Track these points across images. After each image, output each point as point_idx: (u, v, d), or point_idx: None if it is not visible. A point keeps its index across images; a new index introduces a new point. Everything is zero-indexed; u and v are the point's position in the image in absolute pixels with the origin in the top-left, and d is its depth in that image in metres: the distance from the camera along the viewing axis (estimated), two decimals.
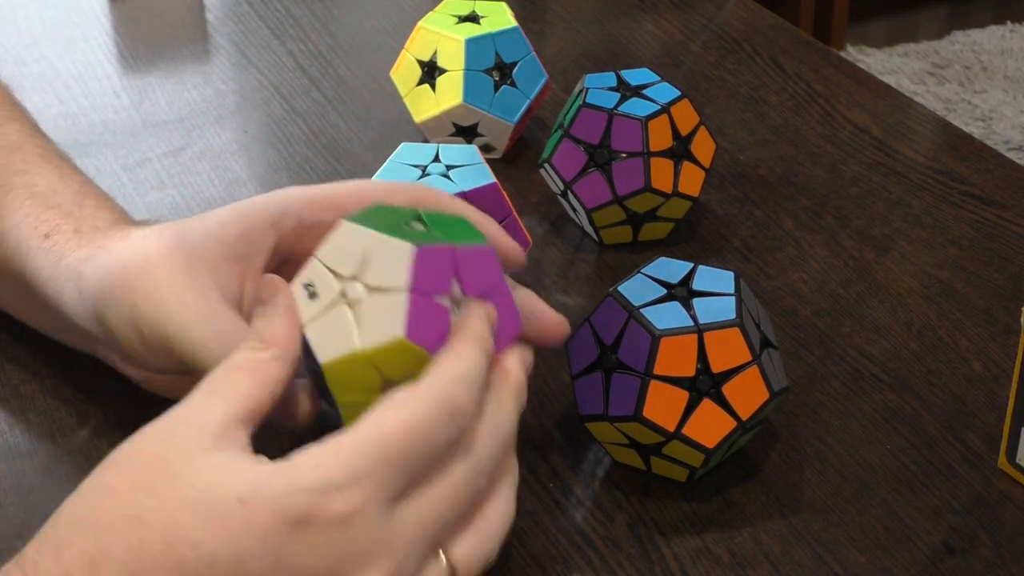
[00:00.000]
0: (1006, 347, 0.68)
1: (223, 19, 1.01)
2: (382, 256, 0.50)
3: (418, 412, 0.47)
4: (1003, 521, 0.58)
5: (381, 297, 0.49)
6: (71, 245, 0.59)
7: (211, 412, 0.48)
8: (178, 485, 0.45)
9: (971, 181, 0.82)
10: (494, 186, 0.67)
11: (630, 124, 0.72)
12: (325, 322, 0.51)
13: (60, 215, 0.61)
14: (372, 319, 0.49)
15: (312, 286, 0.51)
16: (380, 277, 0.50)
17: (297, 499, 0.45)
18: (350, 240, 0.51)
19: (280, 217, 0.57)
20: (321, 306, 0.51)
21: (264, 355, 0.50)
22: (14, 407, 0.64)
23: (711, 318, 0.57)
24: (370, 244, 0.50)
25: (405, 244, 0.49)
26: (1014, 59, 2.54)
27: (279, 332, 0.51)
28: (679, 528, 0.58)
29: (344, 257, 0.51)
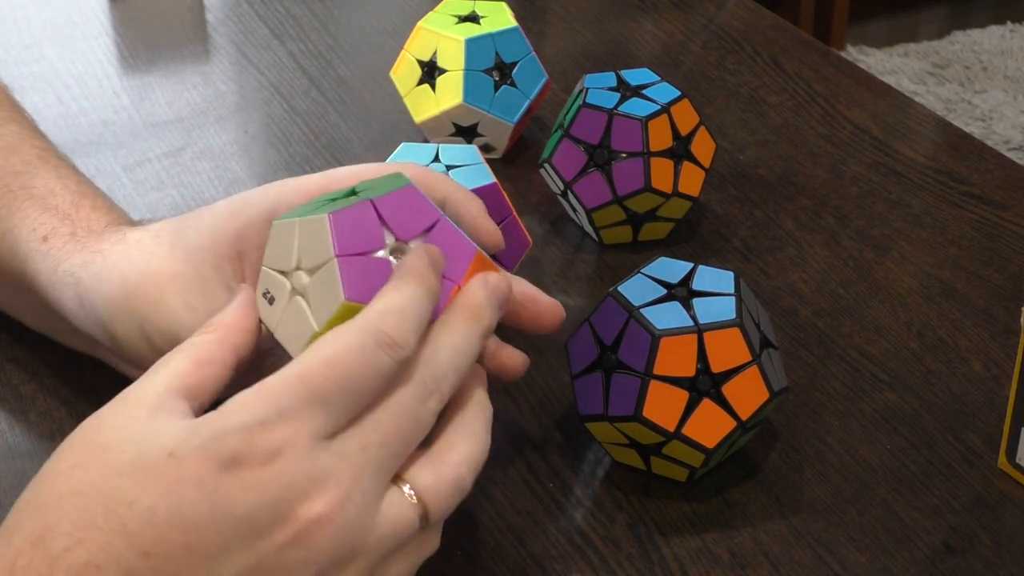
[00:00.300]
0: (1006, 347, 0.68)
1: (223, 19, 1.01)
2: (307, 238, 0.51)
3: (340, 345, 0.47)
4: (1003, 521, 0.58)
5: (319, 275, 0.50)
6: (68, 250, 0.59)
7: (145, 390, 0.48)
8: (109, 456, 0.46)
9: (971, 181, 0.82)
10: (494, 186, 0.67)
11: (630, 124, 0.72)
12: (287, 319, 0.52)
13: (57, 218, 0.61)
14: (319, 297, 0.50)
15: (268, 293, 0.53)
16: (312, 258, 0.50)
17: (224, 441, 0.45)
18: (282, 236, 0.52)
19: (275, 210, 0.57)
20: (280, 307, 0.52)
21: (205, 337, 0.51)
22: (14, 407, 0.64)
23: (711, 318, 0.57)
24: (297, 231, 0.51)
25: (319, 217, 0.50)
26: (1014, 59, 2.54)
27: (226, 318, 0.52)
28: (679, 528, 0.58)
29: (282, 255, 0.52)
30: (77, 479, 0.45)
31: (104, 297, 0.57)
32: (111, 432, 0.47)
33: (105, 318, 0.57)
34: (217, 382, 0.50)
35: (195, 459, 0.45)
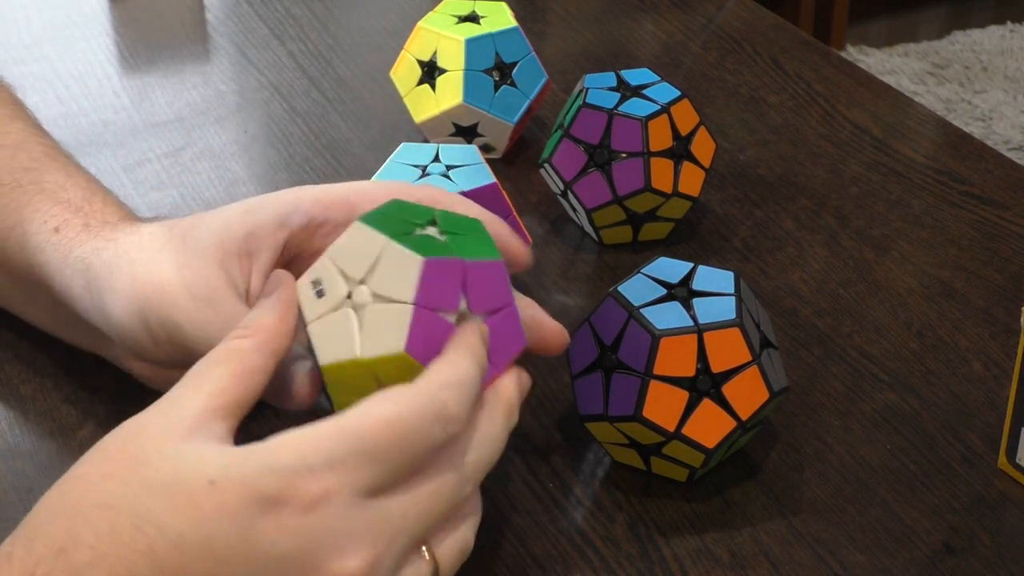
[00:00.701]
0: (1006, 347, 0.68)
1: (223, 19, 1.01)
2: (391, 264, 0.49)
3: (402, 409, 0.47)
4: (1003, 521, 0.58)
5: (386, 307, 0.49)
6: (80, 239, 0.60)
7: (186, 405, 0.48)
8: (144, 471, 0.45)
9: (971, 181, 0.82)
10: (494, 186, 0.67)
11: (630, 124, 0.72)
12: (329, 323, 0.50)
13: (69, 210, 0.61)
14: (375, 328, 0.49)
15: (320, 284, 0.51)
16: (387, 286, 0.49)
17: (269, 480, 0.45)
18: (362, 242, 0.50)
19: (289, 215, 0.57)
20: (327, 306, 0.51)
21: (245, 344, 0.50)
22: (14, 407, 0.64)
23: (711, 318, 0.57)
24: (381, 249, 0.50)
25: (415, 256, 0.49)
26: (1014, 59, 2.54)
27: (267, 322, 0.51)
28: (679, 528, 0.58)
29: (354, 259, 0.50)
30: (107, 490, 0.45)
31: (112, 284, 0.57)
32: (146, 445, 0.46)
33: (111, 305, 0.57)
34: (255, 393, 0.50)
35: (235, 492, 0.45)
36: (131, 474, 0.45)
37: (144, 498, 0.45)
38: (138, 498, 0.45)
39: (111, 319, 0.58)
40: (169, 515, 0.44)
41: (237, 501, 0.44)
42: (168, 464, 0.45)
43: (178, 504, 0.44)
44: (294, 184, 0.81)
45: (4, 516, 0.58)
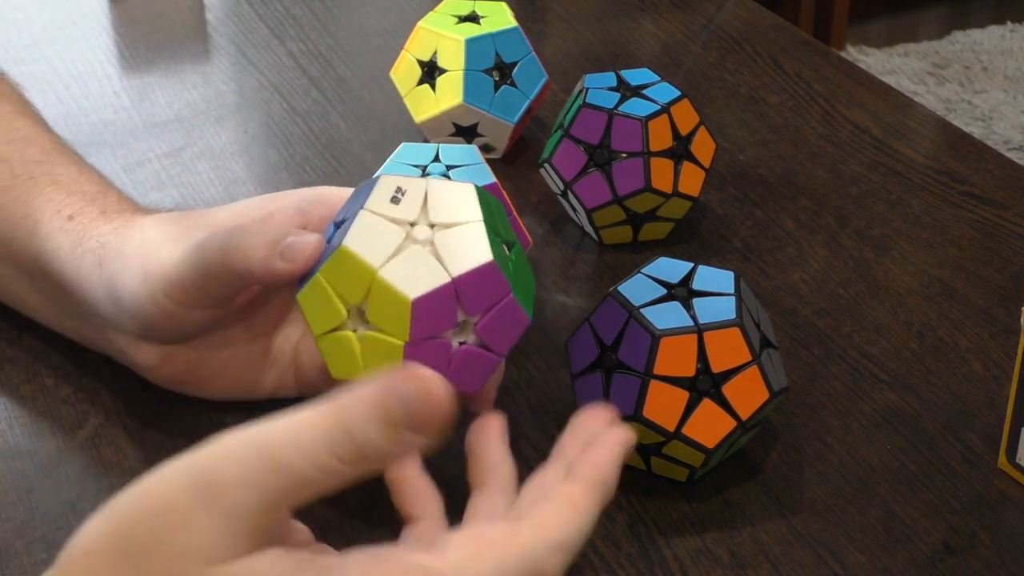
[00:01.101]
0: (1006, 347, 0.68)
1: (223, 19, 1.01)
2: (466, 239, 0.51)
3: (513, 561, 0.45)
4: (1003, 521, 0.58)
5: (431, 261, 0.51)
6: (97, 222, 0.60)
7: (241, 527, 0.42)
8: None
9: (971, 181, 0.82)
10: (494, 186, 0.67)
11: (630, 124, 0.72)
12: (379, 225, 0.51)
13: (85, 200, 0.62)
14: (408, 265, 0.51)
15: (401, 193, 0.52)
16: (448, 251, 0.51)
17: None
18: (461, 202, 0.52)
19: (310, 204, 0.57)
20: (390, 213, 0.51)
21: (348, 471, 0.42)
22: (14, 407, 0.64)
23: (711, 318, 0.57)
24: (469, 221, 0.51)
25: (488, 252, 0.51)
26: (1014, 59, 2.54)
27: (375, 447, 0.42)
28: (679, 528, 0.58)
29: (445, 207, 0.51)
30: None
31: (124, 254, 0.58)
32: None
33: (122, 277, 0.58)
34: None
35: None
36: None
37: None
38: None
39: (117, 288, 0.58)
40: None
41: None
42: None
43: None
44: (295, 184, 0.81)
45: (4, 516, 0.58)
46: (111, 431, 0.62)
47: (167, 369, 0.61)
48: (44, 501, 0.59)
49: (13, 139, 0.66)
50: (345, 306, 0.51)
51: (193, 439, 0.62)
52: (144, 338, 0.59)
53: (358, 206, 0.52)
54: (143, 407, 0.63)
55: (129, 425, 0.63)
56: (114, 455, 0.61)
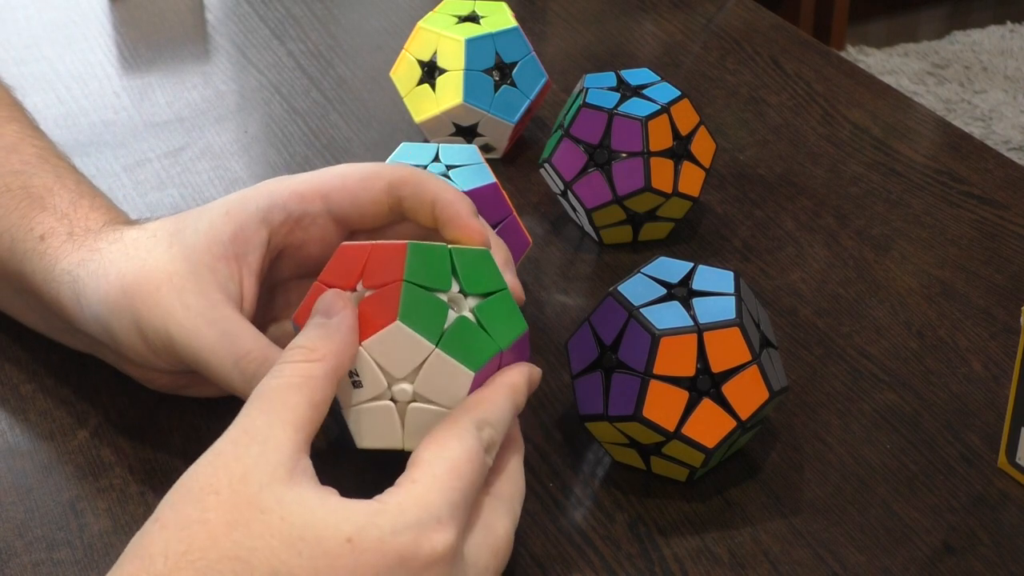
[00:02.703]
0: (1006, 347, 0.68)
1: (223, 19, 1.01)
2: (439, 373, 0.51)
3: (471, 445, 0.49)
4: (1003, 521, 0.58)
5: (432, 409, 0.52)
6: (65, 249, 0.59)
7: (280, 442, 0.47)
8: (272, 520, 0.45)
9: (971, 181, 0.82)
10: (494, 186, 0.67)
11: (630, 124, 0.72)
12: (370, 412, 0.52)
13: (55, 217, 0.61)
14: (419, 424, 0.52)
15: (356, 374, 0.52)
16: (435, 393, 0.52)
17: (405, 537, 0.46)
18: (402, 344, 0.51)
19: (268, 212, 0.57)
20: (365, 396, 0.52)
21: (317, 369, 0.49)
22: (14, 407, 0.64)
23: (711, 318, 0.57)
24: (426, 357, 0.51)
25: (466, 371, 0.51)
26: (1014, 59, 2.54)
27: (336, 345, 0.50)
28: (679, 528, 0.58)
29: (396, 360, 0.51)
30: (238, 543, 0.44)
31: (101, 295, 0.57)
32: (262, 491, 0.45)
33: (102, 316, 0.57)
34: (321, 423, 0.49)
35: (374, 550, 0.45)
36: (260, 524, 0.45)
37: (280, 553, 0.44)
38: (274, 552, 0.44)
39: (104, 328, 0.58)
40: (308, 572, 0.44)
41: (377, 560, 0.45)
42: (295, 515, 0.45)
43: (318, 562, 0.44)
44: None
45: (4, 516, 0.58)
46: (111, 431, 0.62)
47: (163, 382, 0.61)
48: (44, 501, 0.59)
49: None
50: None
51: (193, 439, 0.63)
52: (135, 365, 0.60)
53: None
54: (143, 407, 0.63)
55: (129, 425, 0.63)
56: (114, 455, 0.61)
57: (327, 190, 0.58)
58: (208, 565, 0.44)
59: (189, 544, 0.45)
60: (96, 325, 0.58)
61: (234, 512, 0.45)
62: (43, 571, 0.55)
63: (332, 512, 0.46)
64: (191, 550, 0.44)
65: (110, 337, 0.58)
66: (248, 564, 0.44)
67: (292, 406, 0.48)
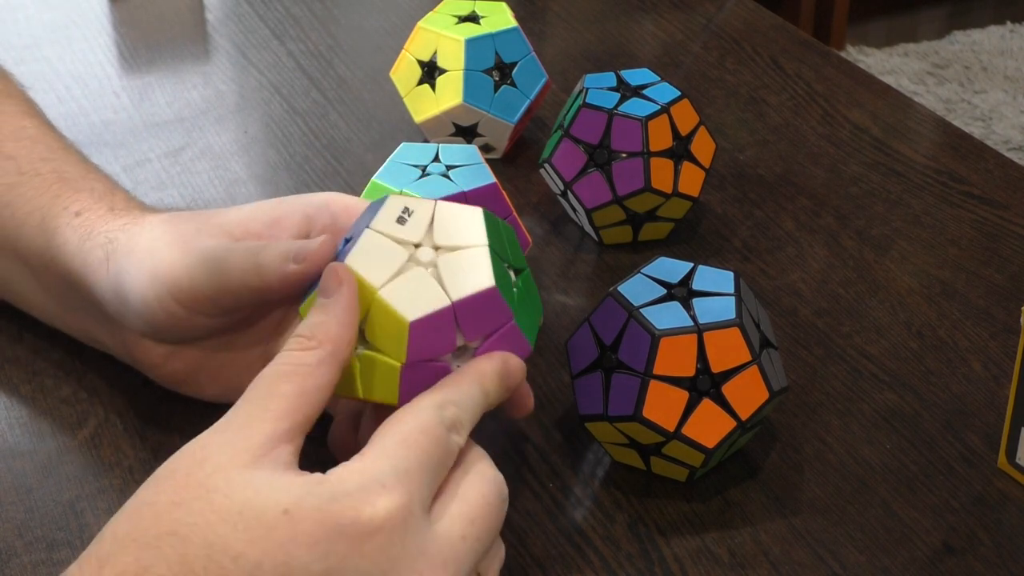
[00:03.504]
0: (1006, 347, 0.68)
1: (223, 19, 1.01)
2: (468, 263, 0.51)
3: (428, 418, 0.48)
4: (1003, 521, 0.58)
5: (431, 284, 0.51)
6: (104, 219, 0.61)
7: (253, 429, 0.47)
8: (215, 498, 0.45)
9: (971, 181, 0.82)
10: (494, 186, 0.67)
11: (630, 124, 0.72)
12: (382, 245, 0.51)
13: (93, 198, 0.62)
14: (409, 286, 0.51)
15: (408, 213, 0.51)
16: (450, 274, 0.51)
17: (343, 504, 0.45)
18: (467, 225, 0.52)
19: (318, 209, 0.58)
20: (394, 233, 0.51)
21: (310, 357, 0.49)
22: (14, 407, 0.64)
23: (711, 318, 0.57)
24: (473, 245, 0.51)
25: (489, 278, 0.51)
26: (1014, 59, 2.54)
27: (332, 330, 0.50)
28: (679, 528, 0.58)
29: (450, 230, 0.51)
30: (177, 519, 0.45)
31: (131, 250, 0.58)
32: (215, 473, 0.46)
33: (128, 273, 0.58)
34: (320, 408, 0.49)
35: (311, 519, 0.45)
36: (201, 502, 0.45)
37: (217, 527, 0.44)
38: (210, 527, 0.44)
39: (124, 287, 0.58)
40: (244, 545, 0.44)
41: (313, 528, 0.45)
42: (239, 493, 0.45)
43: (253, 533, 0.44)
44: (294, 184, 0.81)
45: (4, 516, 0.58)
46: (111, 431, 0.62)
47: (169, 368, 0.61)
48: (44, 501, 0.59)
49: (20, 137, 0.66)
50: None
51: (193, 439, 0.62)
52: (148, 336, 0.60)
53: (364, 224, 0.52)
54: (143, 407, 0.63)
55: (129, 425, 0.63)
56: (114, 455, 0.61)
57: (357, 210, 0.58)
58: (147, 542, 0.44)
59: (136, 524, 0.45)
60: (119, 286, 0.58)
61: (181, 492, 0.45)
62: (43, 571, 0.56)
63: (273, 487, 0.45)
64: (135, 529, 0.45)
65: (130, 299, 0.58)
66: (184, 539, 0.44)
67: (279, 395, 0.48)
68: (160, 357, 0.60)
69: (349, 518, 0.45)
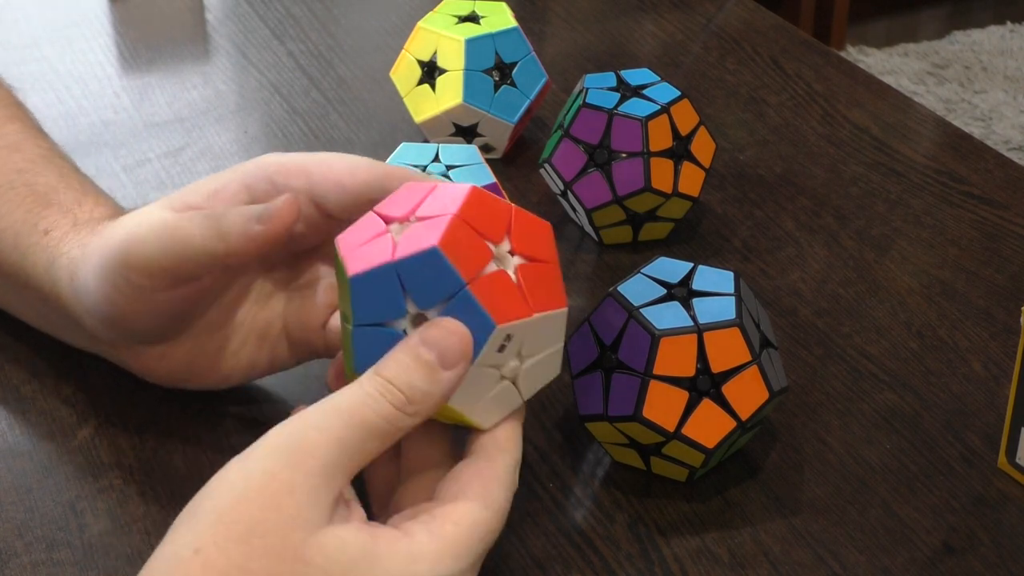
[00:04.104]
0: (1006, 347, 0.68)
1: (223, 19, 1.01)
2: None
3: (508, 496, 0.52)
4: (1003, 521, 0.58)
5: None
6: (67, 239, 0.60)
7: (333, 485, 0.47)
8: (314, 574, 0.45)
9: (971, 181, 0.82)
10: (494, 186, 0.67)
11: (630, 124, 0.72)
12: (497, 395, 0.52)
13: (60, 212, 0.62)
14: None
15: (507, 340, 0.51)
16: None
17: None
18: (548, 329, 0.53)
19: (254, 177, 0.58)
20: (494, 361, 0.51)
21: (406, 422, 0.48)
22: (14, 407, 0.64)
23: (711, 318, 0.57)
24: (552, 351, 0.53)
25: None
26: (1014, 59, 2.54)
27: (433, 404, 0.49)
28: (679, 528, 0.58)
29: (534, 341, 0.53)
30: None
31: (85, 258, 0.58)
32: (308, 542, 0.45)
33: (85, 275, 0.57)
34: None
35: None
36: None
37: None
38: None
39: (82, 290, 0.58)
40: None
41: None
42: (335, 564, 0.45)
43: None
44: None
45: (4, 517, 0.58)
46: (111, 431, 0.62)
47: (162, 370, 0.61)
48: (44, 501, 0.59)
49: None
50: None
51: (193, 439, 0.63)
52: (125, 339, 0.59)
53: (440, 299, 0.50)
54: (143, 407, 0.63)
55: (129, 425, 0.63)
56: (114, 455, 0.61)
57: (312, 169, 0.58)
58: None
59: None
60: (88, 310, 0.58)
61: (279, 564, 0.45)
62: (43, 571, 0.56)
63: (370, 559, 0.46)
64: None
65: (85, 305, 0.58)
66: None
67: (365, 452, 0.48)
68: (151, 362, 0.60)
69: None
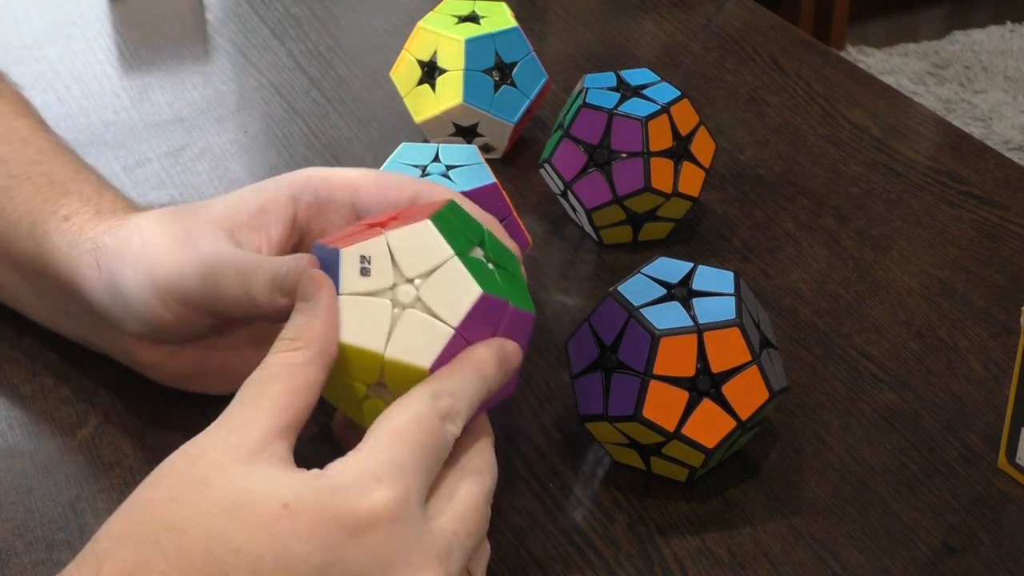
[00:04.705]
0: (1006, 347, 0.68)
1: (223, 19, 1.01)
2: (449, 281, 0.50)
3: (423, 409, 0.48)
4: (1003, 521, 0.58)
5: (428, 319, 0.50)
6: (91, 223, 0.60)
7: (247, 426, 0.48)
8: (213, 493, 0.45)
9: (971, 181, 0.82)
10: (494, 186, 0.67)
11: (630, 124, 0.72)
12: (363, 305, 0.51)
13: (80, 201, 0.62)
14: (409, 334, 0.50)
15: (368, 262, 0.51)
16: (437, 300, 0.50)
17: (341, 497, 0.45)
18: (426, 243, 0.51)
19: (299, 190, 0.58)
20: (367, 287, 0.51)
21: (297, 357, 0.50)
22: (14, 407, 0.64)
23: (711, 318, 0.57)
24: (444, 261, 0.50)
25: (475, 286, 0.50)
26: (1014, 59, 2.54)
27: (317, 331, 0.50)
28: (679, 528, 0.58)
29: (413, 257, 0.51)
30: (175, 513, 0.45)
31: (122, 254, 0.58)
32: (211, 469, 0.46)
33: (121, 276, 0.58)
34: (311, 407, 0.49)
35: (310, 513, 0.45)
36: (199, 496, 0.45)
37: (215, 521, 0.45)
38: (209, 521, 0.45)
39: (122, 291, 0.58)
40: (244, 538, 0.44)
41: (313, 522, 0.45)
42: (237, 487, 0.45)
43: (253, 527, 0.45)
44: None
45: (4, 516, 0.58)
46: (111, 431, 0.62)
47: (170, 367, 0.61)
48: (44, 501, 0.59)
49: (11, 139, 0.66)
50: (365, 385, 0.52)
51: None
52: (148, 338, 0.60)
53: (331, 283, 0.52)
54: (143, 407, 0.63)
55: (129, 425, 0.63)
56: (114, 455, 0.61)
57: (359, 184, 0.58)
58: (145, 537, 0.45)
59: (133, 520, 0.45)
60: (114, 290, 0.58)
61: (177, 488, 0.46)
62: (43, 571, 0.56)
63: (271, 481, 0.46)
64: (132, 525, 0.45)
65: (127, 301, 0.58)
66: (182, 533, 0.44)
67: (270, 394, 0.48)
68: (161, 357, 0.60)
69: (347, 510, 0.45)
